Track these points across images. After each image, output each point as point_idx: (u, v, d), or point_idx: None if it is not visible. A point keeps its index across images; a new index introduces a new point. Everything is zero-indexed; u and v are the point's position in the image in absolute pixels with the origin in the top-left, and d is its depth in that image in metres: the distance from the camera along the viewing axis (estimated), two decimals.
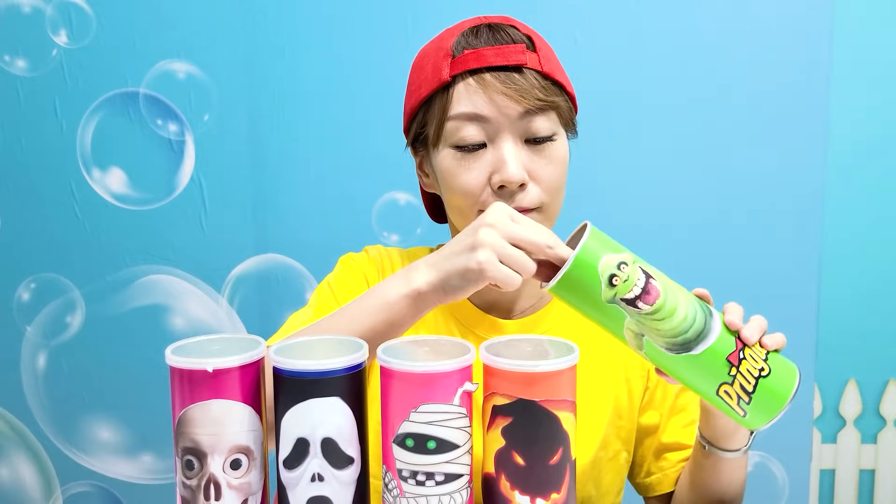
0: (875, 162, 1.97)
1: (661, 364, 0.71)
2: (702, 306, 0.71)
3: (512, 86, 0.83)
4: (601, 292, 0.67)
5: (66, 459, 1.55)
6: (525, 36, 0.87)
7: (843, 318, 2.00)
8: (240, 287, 1.50)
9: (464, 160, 0.85)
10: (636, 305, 0.67)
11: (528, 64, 0.84)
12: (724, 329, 0.71)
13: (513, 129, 0.84)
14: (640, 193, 1.43)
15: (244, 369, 0.62)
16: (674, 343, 0.68)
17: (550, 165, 0.86)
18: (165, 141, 1.47)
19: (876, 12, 1.92)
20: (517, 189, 0.84)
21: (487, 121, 0.84)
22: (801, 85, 1.41)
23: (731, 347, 0.70)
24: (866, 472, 2.10)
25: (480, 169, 0.85)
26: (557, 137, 0.87)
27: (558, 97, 0.86)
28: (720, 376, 0.70)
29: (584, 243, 0.67)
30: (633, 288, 0.67)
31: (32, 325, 1.53)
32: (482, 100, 0.83)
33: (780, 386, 0.72)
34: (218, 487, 0.61)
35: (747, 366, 0.70)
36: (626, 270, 0.67)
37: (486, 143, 0.85)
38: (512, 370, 0.60)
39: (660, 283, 0.68)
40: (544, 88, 0.84)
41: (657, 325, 0.68)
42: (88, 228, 1.49)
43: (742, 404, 0.70)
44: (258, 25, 1.44)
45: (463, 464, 0.62)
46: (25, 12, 1.45)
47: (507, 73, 0.83)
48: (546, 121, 0.85)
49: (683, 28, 1.41)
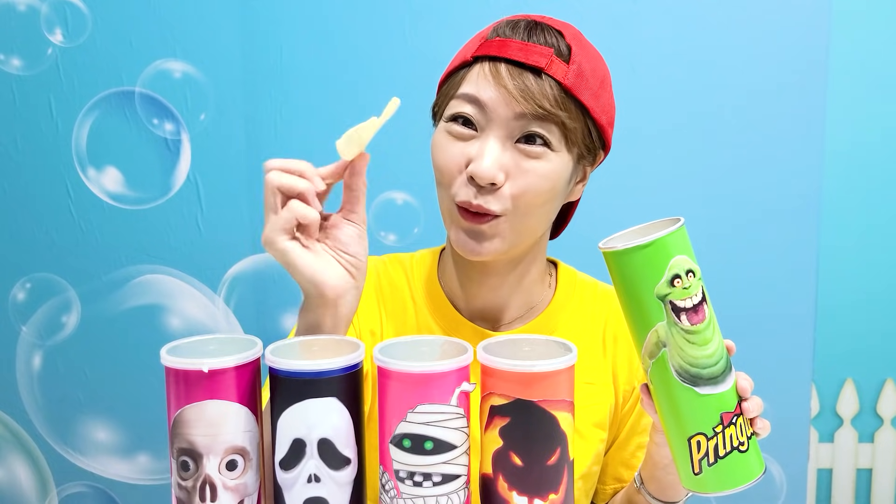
0: (872, 163, 1.98)
1: (660, 383, 0.69)
2: (726, 356, 0.70)
3: (521, 84, 0.80)
4: (657, 285, 0.66)
5: (62, 460, 1.55)
6: (565, 45, 0.83)
7: (841, 318, 2.01)
8: (236, 287, 1.50)
9: (452, 138, 0.84)
10: (679, 317, 0.66)
11: (550, 70, 0.81)
12: (733, 388, 0.70)
13: (506, 126, 0.81)
14: (636, 195, 1.43)
15: (240, 370, 0.61)
16: (687, 372, 0.68)
17: (534, 176, 0.81)
18: (161, 140, 1.46)
19: (873, 14, 1.92)
20: (488, 187, 0.81)
21: (484, 108, 0.81)
22: (798, 87, 1.41)
23: (730, 408, 0.70)
24: (863, 471, 2.10)
25: (462, 150, 0.82)
26: (553, 153, 0.82)
27: (570, 116, 0.81)
28: (704, 426, 0.69)
29: (674, 232, 0.66)
30: (687, 299, 0.66)
31: (28, 324, 1.52)
32: (488, 87, 0.81)
33: (748, 467, 0.71)
34: (213, 488, 0.61)
35: (733, 432, 0.69)
36: (691, 280, 0.66)
37: (478, 130, 0.82)
38: (510, 370, 0.60)
39: (709, 312, 0.68)
40: (556, 100, 0.80)
41: (686, 346, 0.67)
42: (84, 228, 1.49)
43: (704, 463, 0.69)
44: (255, 24, 1.43)
45: (460, 464, 0.61)
46: (21, 10, 1.44)
47: (522, 71, 0.81)
48: (542, 131, 0.81)
49: (679, 30, 1.41)
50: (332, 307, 0.73)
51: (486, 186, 0.81)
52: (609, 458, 0.99)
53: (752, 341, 1.44)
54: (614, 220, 1.41)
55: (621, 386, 0.96)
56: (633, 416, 0.97)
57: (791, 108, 1.41)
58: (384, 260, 1.00)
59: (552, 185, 0.83)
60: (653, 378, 0.70)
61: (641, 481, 0.88)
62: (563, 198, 0.88)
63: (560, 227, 1.00)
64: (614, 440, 0.99)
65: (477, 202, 0.81)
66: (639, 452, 0.97)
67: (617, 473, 0.99)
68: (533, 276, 0.94)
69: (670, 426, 0.71)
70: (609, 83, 0.88)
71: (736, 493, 0.71)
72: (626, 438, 0.98)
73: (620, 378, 0.96)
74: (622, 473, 0.99)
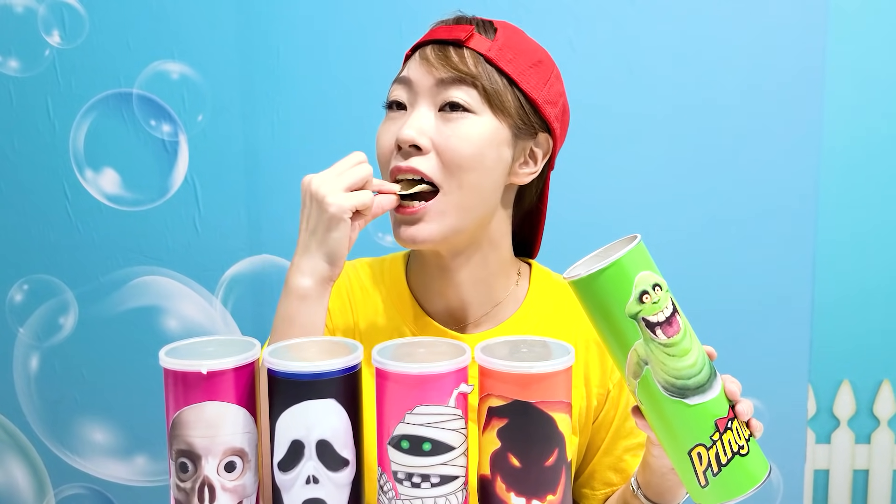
0: (869, 164, 1.99)
1: (649, 402, 0.69)
2: (709, 362, 0.70)
3: (440, 56, 0.84)
4: (627, 304, 0.66)
5: (59, 461, 1.54)
6: (491, 28, 0.87)
7: (837, 319, 2.01)
8: (234, 288, 1.50)
9: (387, 121, 0.88)
10: (654, 332, 0.66)
11: (470, 43, 0.84)
12: (722, 393, 0.70)
13: (429, 96, 0.85)
14: (633, 196, 1.43)
15: (238, 371, 0.62)
16: (673, 385, 0.67)
17: (455, 138, 0.83)
18: (159, 141, 1.46)
19: (870, 14, 1.93)
20: (413, 151, 0.84)
21: (410, 84, 0.86)
22: (795, 88, 1.41)
23: (723, 413, 0.69)
24: (860, 472, 2.10)
25: (394, 130, 0.86)
26: (476, 115, 0.84)
27: (490, 79, 0.84)
28: (701, 436, 0.68)
29: (631, 250, 0.66)
30: (658, 313, 0.66)
31: (25, 326, 1.52)
32: (414, 65, 0.87)
33: (753, 470, 0.71)
34: (212, 490, 0.61)
35: (730, 437, 0.69)
36: (659, 294, 0.66)
37: (407, 107, 0.86)
38: (507, 371, 0.60)
39: (682, 322, 0.68)
40: (474, 65, 0.84)
41: (666, 359, 0.67)
42: (81, 229, 1.49)
43: (709, 474, 0.69)
44: (252, 26, 1.43)
45: (458, 465, 0.61)
46: (18, 12, 1.44)
47: (443, 46, 0.85)
48: (462, 93, 0.84)
49: (676, 31, 1.41)
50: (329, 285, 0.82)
51: (411, 150, 0.84)
52: (597, 463, 0.99)
53: (749, 342, 1.45)
54: (611, 222, 1.42)
55: (594, 389, 0.96)
56: (616, 420, 0.97)
57: (788, 109, 1.42)
58: (355, 264, 1.01)
59: (477, 147, 0.84)
60: (641, 398, 0.69)
61: (638, 486, 0.88)
62: (500, 170, 0.88)
63: (534, 243, 1.01)
64: (600, 446, 0.98)
65: (407, 164, 0.84)
66: (626, 456, 0.97)
67: (606, 478, 0.99)
68: (492, 269, 0.94)
69: (668, 443, 0.70)
70: (550, 72, 0.90)
71: (747, 497, 0.70)
72: (612, 443, 0.98)
73: (593, 381, 0.96)
74: (611, 478, 0.98)
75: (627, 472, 0.97)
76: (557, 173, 0.97)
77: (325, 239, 0.79)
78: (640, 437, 0.97)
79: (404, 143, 0.84)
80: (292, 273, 0.81)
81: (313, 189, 0.79)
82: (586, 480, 1.00)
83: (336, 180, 0.79)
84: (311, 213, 0.80)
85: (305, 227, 0.81)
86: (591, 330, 0.94)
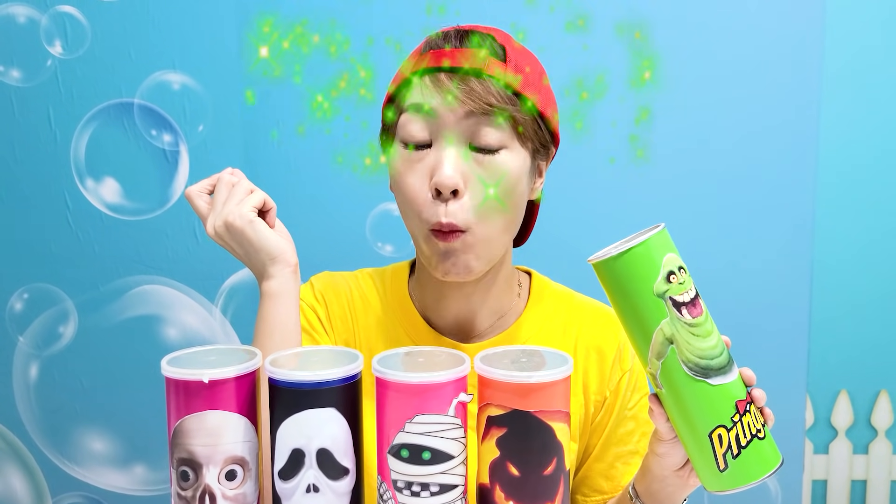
0: (866, 174, 1.99)
1: (671, 384, 0.70)
2: (727, 348, 0.72)
3: (464, 87, 0.81)
4: (655, 283, 0.68)
5: (58, 471, 1.54)
6: (498, 46, 0.85)
7: (835, 330, 2.02)
8: (233, 297, 1.50)
9: (409, 159, 0.84)
10: (681, 311, 0.68)
11: (489, 71, 0.82)
12: (739, 377, 0.72)
13: (457, 129, 0.82)
14: (630, 201, 1.44)
15: (240, 380, 0.62)
16: (697, 364, 0.69)
17: (492, 180, 0.82)
18: (160, 151, 1.47)
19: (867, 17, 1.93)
20: (450, 196, 0.82)
21: (433, 115, 0.82)
22: (792, 92, 1.41)
23: (742, 395, 0.71)
24: (858, 482, 2.10)
25: (422, 171, 0.83)
26: (506, 150, 0.83)
27: (517, 110, 0.83)
28: (722, 417, 0.70)
29: (659, 233, 0.68)
30: (684, 293, 0.68)
31: (25, 335, 1.52)
32: (433, 95, 0.82)
33: (769, 455, 0.73)
34: (213, 498, 0.61)
35: (749, 419, 0.71)
36: (684, 276, 0.69)
37: (432, 142, 0.83)
38: (506, 381, 0.60)
39: (704, 306, 0.70)
40: (500, 96, 0.82)
41: (692, 339, 0.68)
42: (82, 238, 1.49)
43: (728, 456, 0.70)
44: (253, 36, 1.44)
45: (458, 474, 0.62)
46: (20, 22, 1.45)
47: (462, 75, 0.82)
48: (494, 130, 0.82)
49: (673, 33, 1.41)
50: (295, 271, 0.87)
51: (448, 196, 0.82)
52: (588, 469, 0.99)
53: (747, 352, 1.44)
54: (608, 226, 1.42)
55: (592, 396, 0.97)
56: (608, 427, 0.97)
57: (785, 114, 1.42)
58: (356, 275, 1.01)
59: (512, 185, 0.84)
60: (663, 380, 0.71)
61: (636, 494, 0.88)
62: (525, 197, 0.88)
63: (525, 234, 1.00)
64: (591, 451, 0.99)
65: (447, 220, 0.82)
66: (617, 463, 0.98)
67: (597, 485, 0.99)
68: (500, 284, 0.95)
69: (687, 427, 0.72)
70: (545, 77, 0.90)
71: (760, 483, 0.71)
72: (603, 449, 0.98)
73: (591, 388, 0.96)
74: (602, 485, 0.99)
75: (618, 480, 0.97)
76: (552, 176, 0.98)
77: (250, 247, 0.85)
78: (631, 444, 0.97)
79: (446, 188, 0.81)
80: (259, 282, 0.88)
81: (217, 226, 0.85)
82: (577, 486, 1.00)
83: (224, 208, 0.85)
84: (229, 241, 0.86)
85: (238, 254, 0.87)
86: (591, 337, 0.96)
